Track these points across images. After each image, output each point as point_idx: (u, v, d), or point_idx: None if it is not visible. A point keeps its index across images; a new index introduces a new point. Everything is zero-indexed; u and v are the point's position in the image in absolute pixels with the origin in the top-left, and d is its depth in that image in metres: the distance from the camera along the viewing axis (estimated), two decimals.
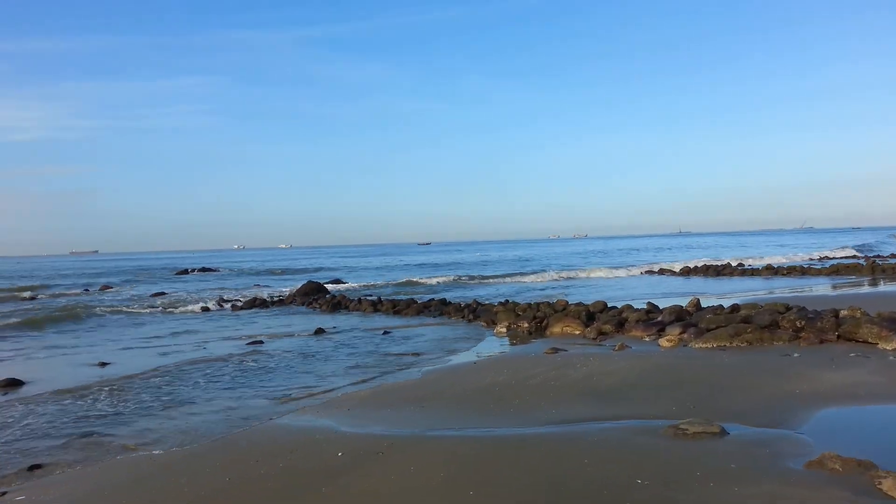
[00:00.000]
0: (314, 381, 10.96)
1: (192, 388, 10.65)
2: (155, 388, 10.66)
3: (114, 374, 12.13)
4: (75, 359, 14.47)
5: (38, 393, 10.59)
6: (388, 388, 9.86)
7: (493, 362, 11.60)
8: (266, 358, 13.36)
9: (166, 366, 12.73)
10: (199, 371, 12.04)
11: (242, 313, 23.99)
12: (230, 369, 12.16)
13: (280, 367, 12.26)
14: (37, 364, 14.05)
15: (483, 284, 35.21)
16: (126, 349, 15.67)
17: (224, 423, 8.32)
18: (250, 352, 14.33)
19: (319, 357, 13.35)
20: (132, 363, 13.30)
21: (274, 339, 16.42)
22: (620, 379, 9.38)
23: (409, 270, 51.83)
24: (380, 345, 14.81)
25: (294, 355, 13.63)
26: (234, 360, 13.12)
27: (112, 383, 11.09)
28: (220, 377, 11.45)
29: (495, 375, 10.20)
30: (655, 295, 24.28)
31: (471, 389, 9.36)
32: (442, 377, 10.54)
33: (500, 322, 17.34)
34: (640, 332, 14.20)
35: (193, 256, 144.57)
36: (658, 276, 35.86)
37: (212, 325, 19.92)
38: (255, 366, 12.48)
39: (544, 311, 17.51)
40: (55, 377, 12.03)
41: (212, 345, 15.67)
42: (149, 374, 11.93)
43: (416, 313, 20.69)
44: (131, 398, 10.01)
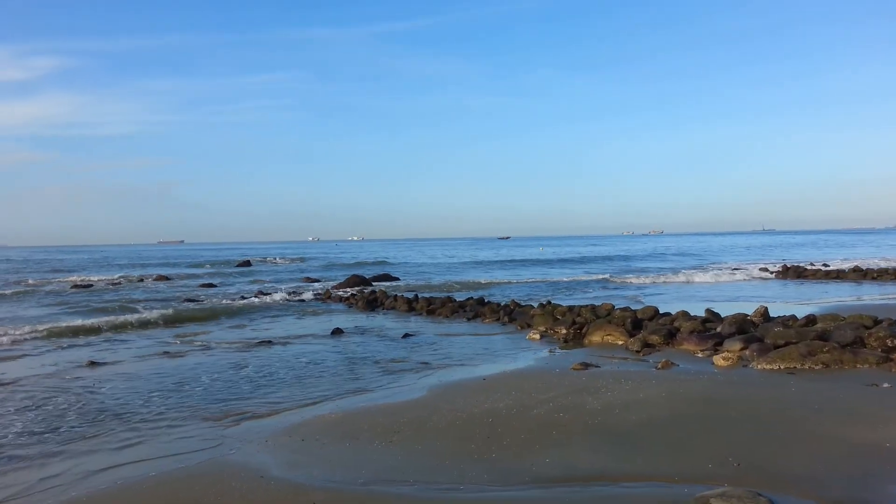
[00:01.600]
0: (291, 395, 9.40)
1: (143, 403, 9.28)
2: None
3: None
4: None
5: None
6: (366, 412, 8.17)
7: (505, 379, 9.75)
8: (259, 363, 11.95)
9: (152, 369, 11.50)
10: (170, 378, 10.72)
11: (283, 305, 22.89)
12: (210, 378, 10.78)
13: (267, 376, 10.80)
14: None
15: (568, 291, 27.89)
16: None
17: (147, 461, 6.86)
18: (247, 356, 12.98)
19: (319, 364, 11.84)
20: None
21: (286, 340, 15.05)
22: (648, 414, 7.38)
23: (478, 268, 50.06)
24: (393, 351, 13.18)
25: (292, 361, 12.17)
26: (222, 367, 11.76)
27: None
28: (192, 389, 10.06)
29: (499, 399, 8.37)
30: (725, 298, 21.77)
31: (462, 418, 7.57)
32: (439, 397, 8.79)
33: (535, 326, 15.41)
34: (692, 345, 12.02)
35: (269, 247, 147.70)
36: (734, 277, 32.80)
37: (232, 324, 18.81)
38: (236, 375, 11.07)
39: (586, 316, 15.45)
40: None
41: (215, 347, 14.41)
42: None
43: (450, 313, 18.97)
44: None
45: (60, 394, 9.71)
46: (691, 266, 42.48)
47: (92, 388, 10.08)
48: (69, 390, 9.96)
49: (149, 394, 9.63)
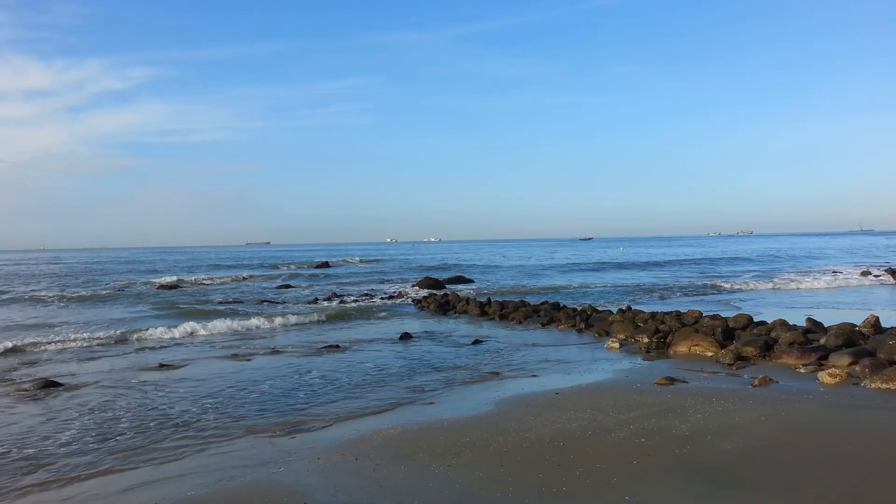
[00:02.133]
0: (351, 405, 8.90)
1: (198, 410, 8.98)
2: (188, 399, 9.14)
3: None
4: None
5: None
6: (426, 428, 7.54)
7: (580, 394, 8.91)
8: (323, 369, 11.56)
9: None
10: (231, 383, 10.44)
11: (354, 307, 22.70)
12: (270, 385, 10.44)
13: (329, 383, 10.36)
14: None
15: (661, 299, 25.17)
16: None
17: (194, 473, 6.47)
18: (312, 361, 12.64)
19: (383, 371, 11.33)
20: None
21: (353, 344, 14.67)
22: (746, 442, 6.40)
23: (555, 271, 48.92)
24: (462, 358, 12.54)
25: (356, 367, 11.72)
26: (285, 372, 11.44)
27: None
28: (250, 395, 9.73)
29: (572, 417, 7.56)
30: (826, 305, 20.03)
31: (530, 440, 6.82)
32: (506, 413, 8.06)
33: (613, 334, 14.42)
34: (792, 358, 10.79)
35: (348, 248, 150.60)
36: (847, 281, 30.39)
37: (299, 326, 18.65)
38: (297, 381, 10.69)
39: (670, 323, 14.33)
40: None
41: (282, 350, 14.17)
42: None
43: (523, 318, 18.15)
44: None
45: (122, 398, 9.58)
46: (785, 269, 39.85)
47: (153, 393, 9.92)
48: (131, 395, 9.82)
49: (206, 400, 9.36)
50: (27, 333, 16.80)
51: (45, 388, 10.26)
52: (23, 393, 10.03)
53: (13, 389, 10.35)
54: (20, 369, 12.18)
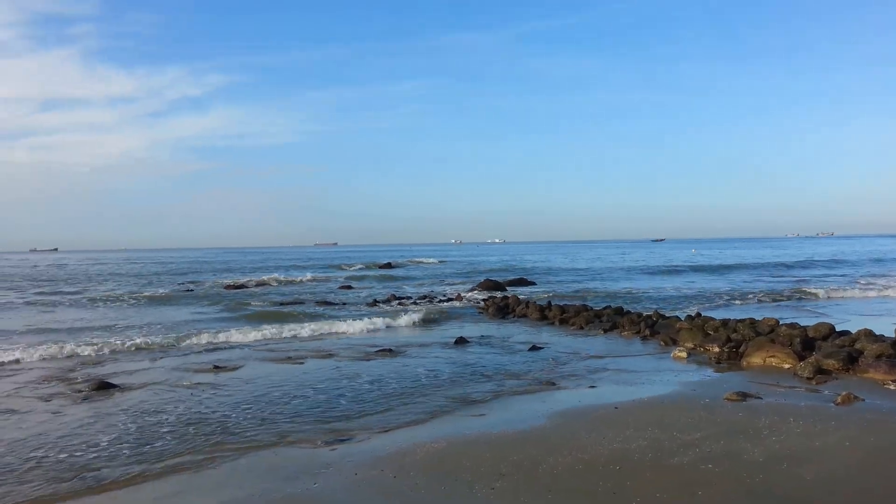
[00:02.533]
0: (397, 414, 8.54)
1: (241, 417, 8.79)
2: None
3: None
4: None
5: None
6: (473, 442, 7.09)
7: (642, 409, 8.28)
8: (374, 374, 11.26)
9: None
10: (280, 387, 10.25)
11: (412, 309, 22.47)
12: (316, 390, 10.21)
13: (378, 389, 10.04)
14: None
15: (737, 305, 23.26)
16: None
17: (240, 477, 6.22)
18: (364, 366, 12.38)
19: (434, 377, 10.94)
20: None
21: (407, 348, 14.35)
22: (829, 471, 5.68)
23: (621, 273, 47.63)
24: (517, 365, 12.02)
25: (407, 372, 11.38)
26: (335, 376, 11.21)
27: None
28: (296, 401, 9.50)
29: (632, 437, 6.97)
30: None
31: (583, 461, 6.28)
32: (560, 428, 7.53)
33: (681, 343, 13.60)
34: (880, 373, 9.82)
35: (413, 249, 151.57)
36: None
37: (357, 328, 18.48)
38: (346, 387, 10.42)
39: (743, 332, 13.41)
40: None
41: (335, 353, 13.99)
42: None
43: (584, 323, 17.43)
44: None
45: (170, 401, 9.51)
46: (871, 274, 37.41)
47: (201, 396, 9.82)
48: (180, 398, 9.76)
49: (251, 405, 9.18)
50: (94, 333, 17.25)
51: (99, 389, 10.33)
52: (77, 394, 10.12)
53: (69, 390, 10.46)
54: (80, 370, 12.38)
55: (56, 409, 9.13)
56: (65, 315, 22.87)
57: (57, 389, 10.53)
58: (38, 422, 8.46)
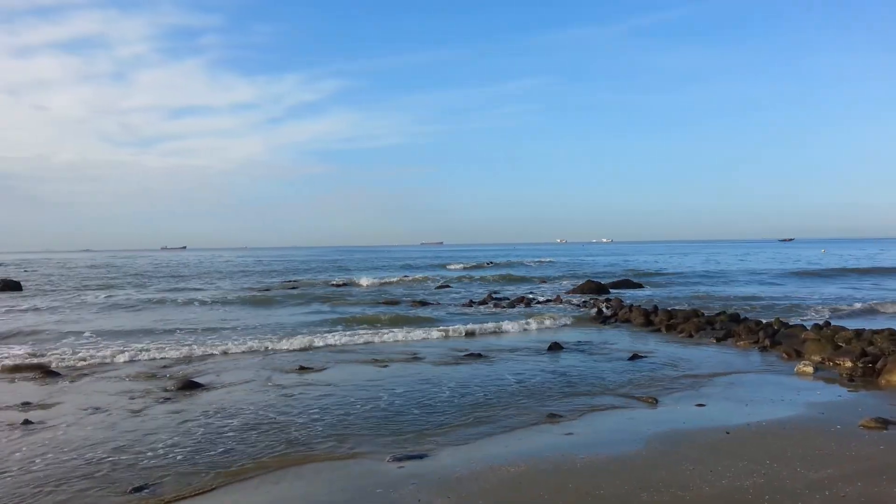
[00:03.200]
0: (473, 427, 7.83)
1: (313, 423, 8.35)
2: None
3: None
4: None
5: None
6: (554, 467, 6.24)
7: (759, 436, 7.13)
8: (458, 380, 10.60)
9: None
10: (359, 392, 9.78)
11: (507, 311, 21.73)
12: (393, 395, 9.67)
13: (459, 397, 9.37)
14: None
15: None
16: None
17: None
18: (449, 371, 11.76)
19: (522, 386, 10.14)
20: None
21: (497, 353, 13.61)
22: None
23: (739, 276, 44.57)
24: (615, 375, 11.00)
25: (493, 381, 10.64)
26: (417, 382, 10.65)
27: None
28: (371, 409, 8.99)
29: (744, 471, 5.90)
30: None
31: (686, 500, 5.32)
32: (659, 455, 6.55)
33: (806, 355, 12.06)
34: None
35: (518, 249, 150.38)
36: None
37: (447, 331, 17.91)
38: (427, 394, 9.81)
39: (882, 345, 11.68)
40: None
41: (422, 357, 13.46)
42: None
43: (694, 331, 15.98)
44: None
45: (249, 404, 9.26)
46: None
47: (280, 399, 9.53)
48: (260, 400, 9.52)
49: (328, 410, 8.75)
50: (194, 332, 17.68)
51: (185, 388, 10.30)
52: (165, 392, 10.12)
53: (157, 388, 10.50)
54: (175, 367, 12.53)
55: (139, 408, 9.09)
56: (171, 314, 23.79)
57: (145, 387, 10.60)
58: (110, 423, 8.39)
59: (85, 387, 10.82)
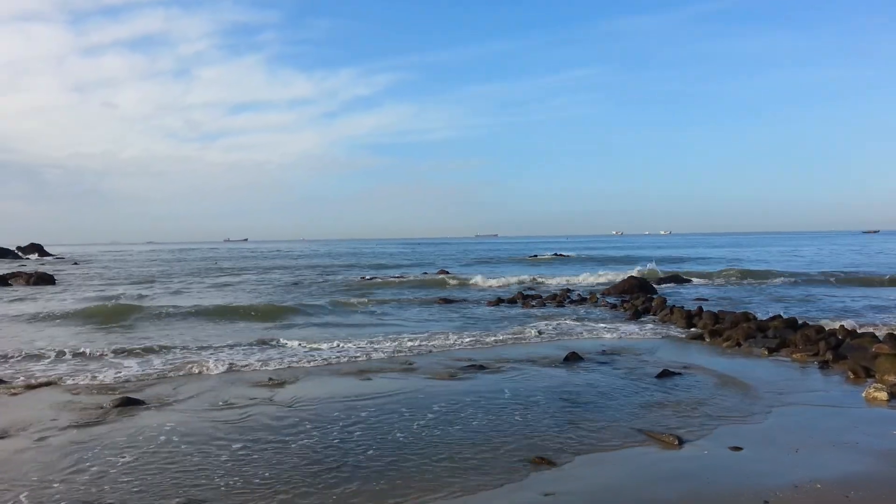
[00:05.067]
0: (448, 470, 6.06)
1: (245, 461, 6.71)
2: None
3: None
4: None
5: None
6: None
7: (812, 501, 5.13)
8: (450, 400, 8.82)
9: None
10: (328, 415, 8.10)
11: (535, 312, 19.80)
12: (370, 420, 7.95)
13: (445, 424, 7.60)
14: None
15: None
16: None
17: None
18: (441, 387, 9.98)
19: (520, 410, 8.30)
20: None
21: (503, 364, 11.76)
22: None
23: (807, 274, 40.85)
24: (634, 397, 9.04)
25: (489, 400, 8.83)
26: (402, 402, 8.91)
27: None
28: (330, 436, 7.31)
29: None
30: None
31: None
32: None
33: (878, 374, 9.82)
34: None
35: (572, 241, 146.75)
36: None
37: (449, 336, 16.08)
38: (410, 418, 8.06)
39: None
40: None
41: (416, 369, 11.72)
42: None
43: (742, 338, 13.72)
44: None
45: (182, 432, 7.72)
46: None
47: (213, 429, 7.93)
48: (203, 423, 7.97)
49: (259, 449, 7.10)
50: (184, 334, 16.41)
51: (122, 406, 8.84)
52: (96, 412, 8.68)
53: (95, 405, 9.07)
54: (134, 382, 11.16)
55: (42, 436, 7.61)
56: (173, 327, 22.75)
57: (84, 403, 9.19)
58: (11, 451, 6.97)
59: (22, 401, 9.50)
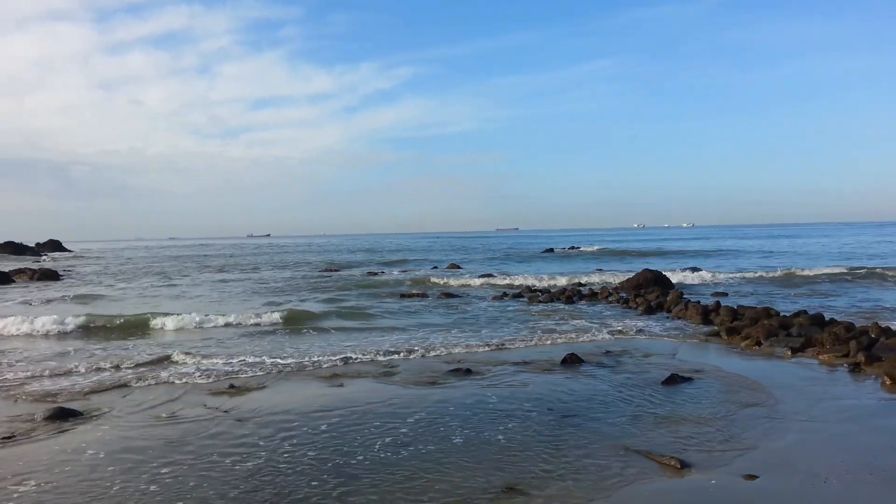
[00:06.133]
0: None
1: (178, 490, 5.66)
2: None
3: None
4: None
5: None
6: None
7: None
8: (430, 410, 7.72)
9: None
10: (277, 440, 7.03)
11: (541, 308, 18.60)
12: (332, 433, 6.87)
13: (420, 441, 6.49)
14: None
15: None
16: None
17: None
18: (424, 395, 8.87)
19: (497, 428, 7.17)
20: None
21: (496, 367, 10.63)
22: None
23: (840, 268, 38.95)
24: (634, 408, 7.87)
25: (473, 410, 7.71)
26: (376, 415, 7.83)
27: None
28: (278, 459, 6.25)
29: None
30: None
31: None
32: None
33: None
34: None
35: (591, 234, 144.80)
36: None
37: (443, 336, 14.99)
38: (380, 433, 6.97)
39: None
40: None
41: (395, 374, 10.62)
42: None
43: (763, 336, 12.41)
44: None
45: (115, 449, 6.71)
46: None
47: (168, 444, 6.91)
48: (117, 448, 6.95)
49: (182, 475, 6.05)
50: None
51: (52, 419, 7.86)
52: (18, 425, 7.71)
53: (23, 416, 8.11)
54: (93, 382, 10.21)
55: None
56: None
57: (16, 413, 8.23)
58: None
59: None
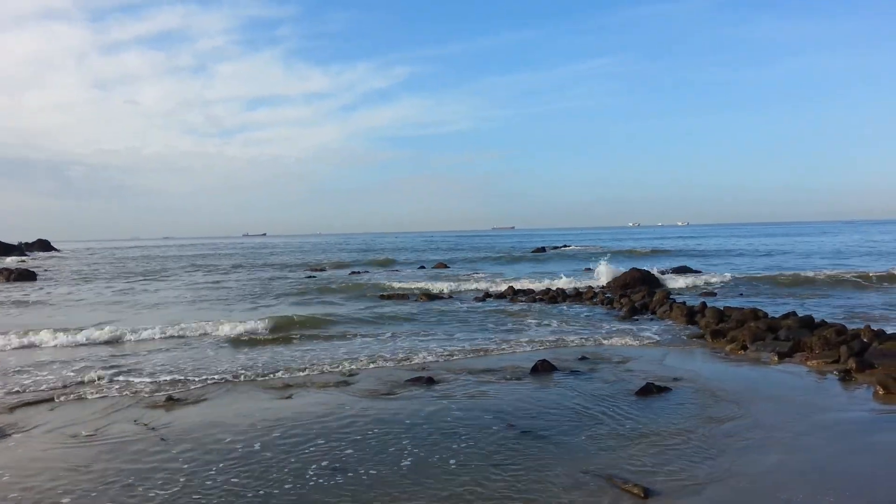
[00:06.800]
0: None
1: None
2: None
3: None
4: None
5: None
6: None
7: None
8: (378, 428, 6.97)
9: None
10: (203, 453, 6.26)
11: (521, 308, 17.84)
12: (241, 466, 6.11)
13: (371, 464, 5.73)
14: None
15: None
16: None
17: None
18: (374, 407, 8.11)
19: (448, 449, 6.42)
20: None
21: (459, 376, 9.88)
22: None
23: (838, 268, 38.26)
24: (598, 428, 7.12)
25: (426, 429, 6.97)
26: (314, 431, 7.07)
27: None
28: (201, 484, 5.48)
29: None
30: None
31: None
32: None
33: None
34: None
35: (585, 233, 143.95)
36: None
37: (409, 339, 14.23)
38: (317, 457, 6.20)
39: None
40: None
41: (353, 383, 9.84)
42: None
43: (749, 339, 11.63)
44: None
45: (61, 468, 5.93)
46: None
47: (93, 464, 6.14)
48: (44, 464, 6.17)
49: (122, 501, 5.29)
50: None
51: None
52: None
53: None
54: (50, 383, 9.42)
55: None
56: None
57: None
58: None
59: None
